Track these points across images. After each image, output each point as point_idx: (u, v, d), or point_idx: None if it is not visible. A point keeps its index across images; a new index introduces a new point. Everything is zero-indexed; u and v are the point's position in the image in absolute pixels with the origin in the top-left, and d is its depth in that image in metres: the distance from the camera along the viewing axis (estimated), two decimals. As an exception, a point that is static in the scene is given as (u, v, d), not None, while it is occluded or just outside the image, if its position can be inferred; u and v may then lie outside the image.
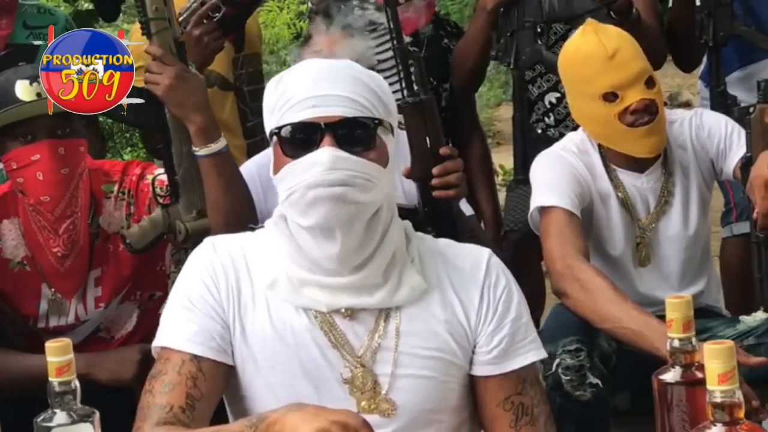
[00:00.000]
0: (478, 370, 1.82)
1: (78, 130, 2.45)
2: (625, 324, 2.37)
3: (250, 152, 3.26)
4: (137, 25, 2.49)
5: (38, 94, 2.37)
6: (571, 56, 2.75)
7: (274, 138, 1.79)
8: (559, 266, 2.53)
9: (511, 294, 1.84)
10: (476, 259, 1.86)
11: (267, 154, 2.89)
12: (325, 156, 1.71)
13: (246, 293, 1.79)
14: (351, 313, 1.77)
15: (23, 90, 2.40)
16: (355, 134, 1.74)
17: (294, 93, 1.75)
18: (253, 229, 1.94)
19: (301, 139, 1.74)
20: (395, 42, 2.53)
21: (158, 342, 1.79)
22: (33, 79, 2.38)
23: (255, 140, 3.38)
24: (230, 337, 1.78)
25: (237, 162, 3.05)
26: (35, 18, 3.18)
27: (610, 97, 2.64)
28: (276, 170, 1.79)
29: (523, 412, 1.82)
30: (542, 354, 1.86)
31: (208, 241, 1.87)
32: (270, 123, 1.80)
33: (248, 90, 3.41)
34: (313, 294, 1.77)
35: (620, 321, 2.37)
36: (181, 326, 1.77)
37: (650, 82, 2.65)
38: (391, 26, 2.54)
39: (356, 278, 1.76)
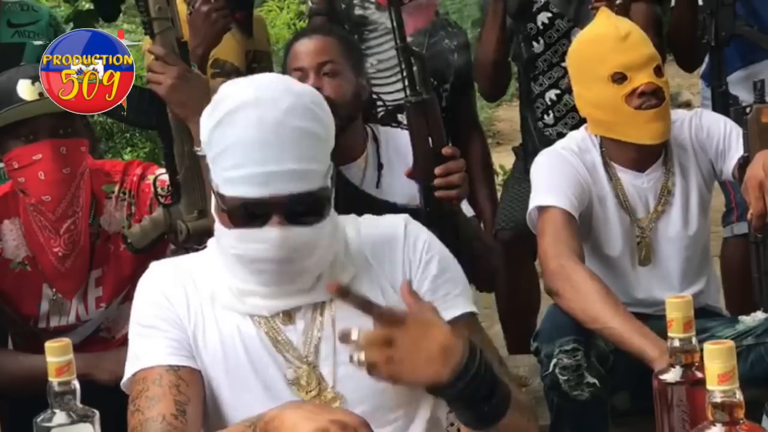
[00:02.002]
0: None
1: (79, 129, 2.46)
2: (613, 325, 2.36)
3: None
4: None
5: (40, 94, 2.37)
6: (583, 40, 2.79)
7: (216, 193, 1.75)
8: (553, 266, 2.53)
9: (432, 250, 1.85)
10: (393, 228, 1.87)
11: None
12: (273, 235, 1.69)
13: (194, 306, 1.81)
14: (290, 318, 1.79)
15: (25, 89, 2.41)
16: (304, 208, 1.72)
17: (240, 159, 1.68)
18: (197, 250, 1.95)
19: (250, 213, 1.71)
20: (398, 41, 2.53)
21: (131, 370, 1.78)
22: (35, 78, 2.38)
23: None
24: (192, 347, 1.79)
25: None
26: (18, 15, 3.17)
27: (619, 77, 2.65)
28: (221, 222, 1.76)
29: None
30: (470, 306, 1.85)
31: (153, 267, 1.88)
32: (215, 173, 1.74)
33: None
34: (253, 301, 1.79)
35: (609, 322, 2.37)
36: (150, 346, 1.78)
37: (659, 71, 2.67)
38: (395, 25, 2.53)
39: (290, 287, 1.78)
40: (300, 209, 1.71)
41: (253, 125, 1.68)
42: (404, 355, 1.54)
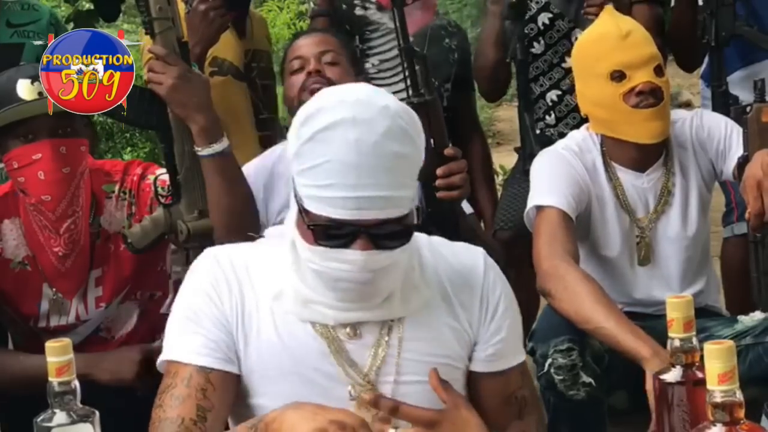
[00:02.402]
0: (478, 367, 1.84)
1: (79, 129, 2.46)
2: (606, 325, 2.36)
3: (263, 144, 3.27)
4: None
5: (40, 94, 2.37)
6: (585, 38, 2.80)
7: (301, 207, 1.71)
8: (545, 266, 2.52)
9: (508, 296, 1.87)
10: (473, 260, 1.87)
11: (267, 157, 2.91)
12: (359, 258, 1.67)
13: (250, 304, 1.78)
14: (356, 332, 1.77)
15: (25, 89, 2.41)
16: (390, 234, 1.70)
17: (333, 180, 1.65)
18: (253, 238, 1.92)
19: (336, 234, 1.68)
20: (401, 42, 2.53)
21: (165, 356, 1.78)
22: (35, 78, 2.38)
23: (267, 133, 3.39)
24: (236, 347, 1.77)
25: (249, 151, 3.05)
26: (18, 15, 3.16)
27: (618, 75, 2.66)
28: (304, 238, 1.73)
29: (525, 402, 1.87)
30: (523, 354, 1.92)
31: (210, 253, 1.85)
32: (302, 186, 1.70)
33: (261, 84, 3.42)
34: (319, 308, 1.76)
35: (601, 323, 2.37)
36: (187, 339, 1.76)
37: (659, 71, 2.67)
38: (397, 26, 2.54)
39: (363, 303, 1.76)
40: (386, 233, 1.69)
41: (349, 147, 1.64)
42: None
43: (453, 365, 1.81)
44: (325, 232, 1.68)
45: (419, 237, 1.86)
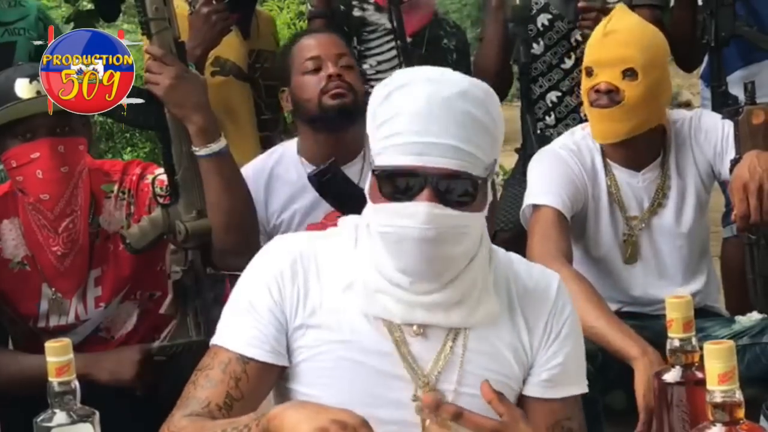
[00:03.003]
0: (530, 391, 1.79)
1: (77, 128, 2.45)
2: (596, 325, 2.36)
3: (264, 145, 3.26)
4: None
5: (38, 92, 2.37)
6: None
7: (373, 168, 1.69)
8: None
9: (573, 323, 1.82)
10: (547, 283, 1.82)
11: (267, 158, 2.91)
12: (422, 210, 1.62)
13: (314, 295, 1.75)
14: (422, 331, 1.74)
15: (23, 88, 2.41)
16: (457, 189, 1.65)
17: (401, 128, 1.63)
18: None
19: (401, 184, 1.65)
20: (398, 41, 2.53)
21: (214, 340, 1.77)
22: (33, 77, 2.38)
23: (268, 134, 3.38)
24: (287, 339, 1.75)
25: (249, 151, 3.04)
26: (6, 13, 3.17)
27: (588, 71, 2.71)
28: (372, 198, 1.71)
29: None
30: (585, 386, 1.85)
31: (280, 241, 1.82)
32: (374, 144, 1.69)
33: (264, 85, 3.41)
34: (387, 303, 1.73)
35: (592, 322, 2.36)
36: (235, 325, 1.75)
37: (630, 74, 2.65)
38: (395, 25, 2.54)
39: (435, 297, 1.72)
40: (453, 188, 1.64)
41: (422, 98, 1.63)
42: None
43: (509, 385, 1.76)
44: (391, 183, 1.65)
45: (497, 249, 1.83)
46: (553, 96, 3.43)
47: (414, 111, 1.63)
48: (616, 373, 2.47)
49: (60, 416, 1.50)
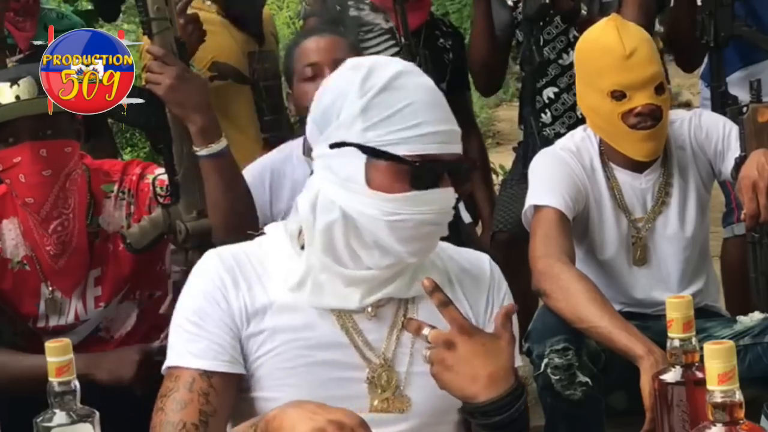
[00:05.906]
0: None
1: (64, 130, 2.45)
2: (600, 324, 2.36)
3: (267, 146, 3.26)
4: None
5: (17, 97, 2.37)
6: (589, 45, 2.75)
7: (384, 154, 1.70)
8: (540, 265, 2.53)
9: (510, 298, 1.87)
10: (480, 261, 1.89)
11: (274, 157, 2.90)
12: (447, 197, 1.70)
13: (260, 298, 1.76)
14: (375, 312, 1.77)
15: (2, 92, 2.40)
16: (462, 172, 1.74)
17: (419, 119, 1.68)
18: (252, 237, 1.92)
19: (427, 172, 1.69)
20: (402, 39, 2.53)
21: (169, 362, 1.76)
22: (14, 81, 2.38)
23: (273, 135, 3.38)
24: (241, 346, 1.75)
25: (251, 155, 3.04)
26: (54, 23, 3.22)
27: (618, 95, 2.65)
28: (380, 188, 1.70)
29: None
30: (519, 360, 1.87)
31: (213, 254, 1.83)
32: (371, 134, 1.70)
33: (264, 86, 3.41)
34: (336, 291, 1.75)
35: (596, 322, 2.37)
36: (190, 343, 1.75)
37: (660, 89, 2.65)
38: (400, 24, 2.53)
39: (382, 271, 1.75)
40: (461, 172, 1.73)
41: (422, 89, 1.72)
42: (456, 363, 1.61)
43: None
44: (418, 173, 1.69)
45: None
46: (549, 92, 3.42)
47: (423, 101, 1.71)
48: (618, 374, 2.47)
49: (60, 416, 1.50)
